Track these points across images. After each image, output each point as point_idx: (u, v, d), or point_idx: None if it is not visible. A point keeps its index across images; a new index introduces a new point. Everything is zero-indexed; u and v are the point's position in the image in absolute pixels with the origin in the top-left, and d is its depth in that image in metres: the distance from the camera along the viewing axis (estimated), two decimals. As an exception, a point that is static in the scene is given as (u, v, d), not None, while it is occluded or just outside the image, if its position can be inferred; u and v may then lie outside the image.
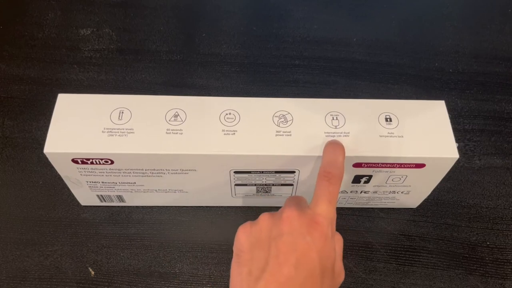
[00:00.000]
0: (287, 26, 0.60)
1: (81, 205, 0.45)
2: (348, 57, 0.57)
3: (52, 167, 0.37)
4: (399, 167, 0.38)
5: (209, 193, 0.43)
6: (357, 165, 0.38)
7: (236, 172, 0.39)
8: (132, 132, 0.37)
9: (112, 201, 0.44)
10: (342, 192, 0.43)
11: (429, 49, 0.59)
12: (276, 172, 0.39)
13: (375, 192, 0.43)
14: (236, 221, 0.45)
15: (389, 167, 0.38)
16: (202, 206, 0.46)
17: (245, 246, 0.32)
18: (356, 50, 0.58)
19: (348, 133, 0.38)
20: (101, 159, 0.37)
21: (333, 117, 0.39)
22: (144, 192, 0.42)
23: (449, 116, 0.48)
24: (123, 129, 0.37)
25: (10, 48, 0.56)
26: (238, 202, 0.45)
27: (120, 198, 0.43)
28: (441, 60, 0.58)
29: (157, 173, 0.39)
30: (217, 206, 0.46)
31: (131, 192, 0.42)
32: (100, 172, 0.39)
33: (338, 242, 0.34)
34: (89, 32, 0.58)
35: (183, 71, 0.55)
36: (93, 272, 0.42)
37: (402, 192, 0.43)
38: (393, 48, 0.59)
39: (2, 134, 0.49)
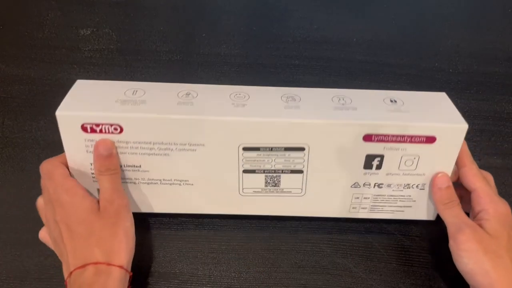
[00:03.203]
0: (287, 26, 0.60)
1: (81, 205, 0.45)
2: (348, 57, 0.57)
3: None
4: (409, 142, 0.38)
5: (215, 185, 0.41)
6: (368, 138, 0.38)
7: (245, 149, 0.39)
8: (144, 103, 0.38)
9: None
10: (354, 186, 0.41)
11: (429, 49, 0.59)
12: (286, 149, 0.39)
13: (389, 185, 0.41)
14: (236, 221, 0.45)
15: (400, 141, 0.38)
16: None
17: None
18: (356, 50, 0.58)
19: (356, 108, 0.39)
20: (111, 125, 0.38)
21: (339, 98, 0.40)
22: (147, 184, 0.41)
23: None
24: (136, 100, 0.39)
25: (10, 48, 0.56)
26: (245, 203, 0.43)
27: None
28: (441, 60, 0.58)
29: (165, 149, 0.39)
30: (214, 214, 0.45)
31: (134, 184, 0.41)
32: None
33: (105, 179, 0.39)
34: (89, 32, 0.58)
35: (183, 71, 0.55)
36: (93, 272, 0.42)
37: (417, 186, 0.41)
38: (393, 48, 0.59)
39: (2, 134, 0.49)
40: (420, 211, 0.43)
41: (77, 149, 0.39)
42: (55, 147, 0.48)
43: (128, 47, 0.57)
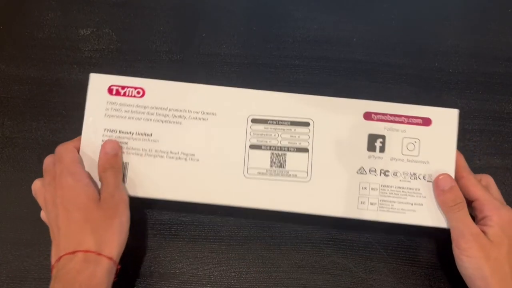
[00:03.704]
0: (287, 26, 0.60)
1: (81, 205, 0.45)
2: (348, 57, 0.58)
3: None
4: (408, 123, 0.41)
5: (221, 161, 0.41)
6: (368, 116, 0.42)
7: (253, 122, 0.42)
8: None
9: None
10: (359, 172, 0.41)
11: (429, 49, 0.59)
12: (292, 123, 0.42)
13: (395, 174, 0.42)
14: (236, 221, 0.45)
15: (398, 122, 0.41)
16: (203, 204, 0.43)
17: None
18: (356, 50, 0.58)
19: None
20: (135, 88, 0.43)
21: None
22: (153, 158, 0.42)
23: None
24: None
25: (10, 48, 0.56)
26: (249, 190, 0.42)
27: (123, 174, 0.42)
28: (441, 60, 0.58)
29: (179, 116, 0.42)
30: (217, 206, 0.44)
31: (140, 156, 0.42)
32: (125, 111, 0.43)
33: (110, 173, 0.41)
34: (89, 32, 0.58)
35: (183, 71, 0.55)
36: (93, 272, 0.42)
37: (423, 177, 0.42)
38: (393, 48, 0.59)
39: (2, 134, 0.49)
40: (433, 215, 0.42)
41: (98, 111, 0.42)
42: (55, 147, 0.49)
43: (128, 47, 0.57)
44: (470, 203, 0.42)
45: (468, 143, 0.51)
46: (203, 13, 0.61)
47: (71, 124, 0.50)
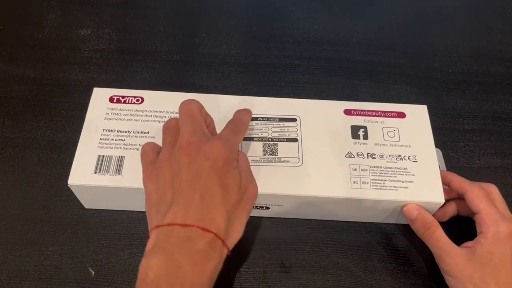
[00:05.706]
0: (287, 26, 0.60)
1: (81, 205, 0.45)
2: (348, 57, 0.58)
3: (52, 167, 0.37)
4: (384, 116, 0.46)
5: None
6: (348, 112, 0.46)
7: None
8: None
9: (108, 171, 0.42)
10: (348, 156, 0.43)
11: (429, 49, 0.59)
12: (280, 119, 0.45)
13: (382, 156, 0.43)
14: (236, 221, 0.45)
15: (376, 115, 0.46)
16: None
17: (152, 192, 0.35)
18: (356, 50, 0.58)
19: None
20: (134, 97, 0.45)
21: None
22: None
23: (449, 116, 0.47)
24: None
25: (10, 48, 0.56)
26: None
27: (119, 167, 0.42)
28: (441, 60, 0.58)
29: (175, 118, 0.44)
30: None
31: (137, 150, 0.42)
32: (124, 115, 0.44)
33: (241, 158, 0.38)
34: (89, 32, 0.58)
35: (183, 71, 0.55)
36: (93, 272, 0.42)
37: (409, 158, 0.43)
38: (393, 48, 0.59)
39: (2, 134, 0.49)
40: (425, 190, 0.42)
41: (98, 115, 0.44)
42: (55, 147, 0.49)
43: (128, 47, 0.57)
44: (474, 215, 0.41)
45: (468, 143, 0.51)
46: (203, 13, 0.61)
47: (71, 124, 0.50)
